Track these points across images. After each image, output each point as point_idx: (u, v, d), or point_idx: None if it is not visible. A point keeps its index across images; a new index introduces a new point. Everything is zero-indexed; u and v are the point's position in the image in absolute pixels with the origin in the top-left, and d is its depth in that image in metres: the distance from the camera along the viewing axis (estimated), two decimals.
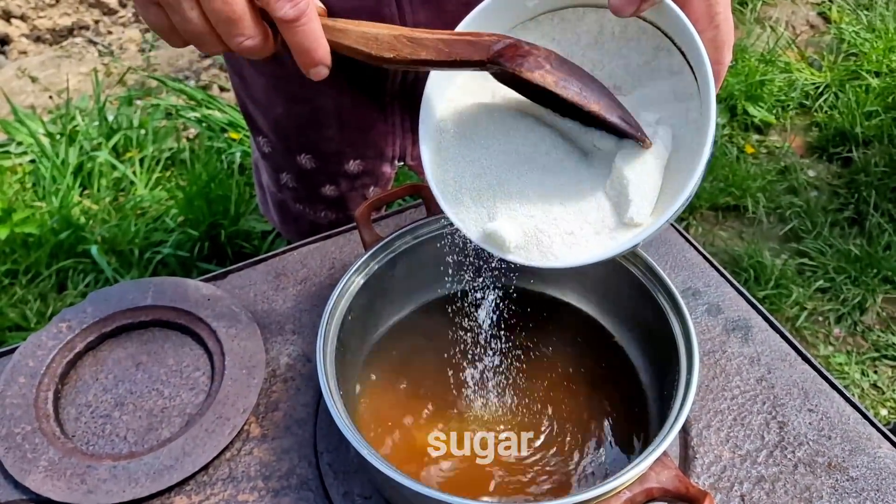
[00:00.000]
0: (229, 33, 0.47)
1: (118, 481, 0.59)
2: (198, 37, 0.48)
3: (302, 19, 0.47)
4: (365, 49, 0.50)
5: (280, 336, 0.72)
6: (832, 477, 0.61)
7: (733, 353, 0.70)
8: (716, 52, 0.52)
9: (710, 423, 0.65)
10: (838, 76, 2.32)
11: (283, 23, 0.47)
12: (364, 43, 0.50)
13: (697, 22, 0.50)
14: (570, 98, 0.49)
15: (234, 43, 0.48)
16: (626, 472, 0.49)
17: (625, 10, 0.49)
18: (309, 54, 0.49)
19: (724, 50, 0.52)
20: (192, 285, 0.74)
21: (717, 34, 0.51)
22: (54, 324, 0.70)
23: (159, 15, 0.48)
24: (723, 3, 0.51)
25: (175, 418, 0.65)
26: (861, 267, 1.76)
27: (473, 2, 0.76)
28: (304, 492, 0.60)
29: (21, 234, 1.73)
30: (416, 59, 0.50)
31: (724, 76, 0.54)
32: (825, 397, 0.67)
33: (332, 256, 0.80)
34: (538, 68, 0.49)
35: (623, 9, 0.49)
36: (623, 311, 0.68)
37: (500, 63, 0.49)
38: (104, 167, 1.96)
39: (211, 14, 0.46)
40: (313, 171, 0.97)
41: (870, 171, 1.99)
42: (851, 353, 1.63)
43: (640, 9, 0.49)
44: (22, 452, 0.61)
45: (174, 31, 0.49)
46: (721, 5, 0.51)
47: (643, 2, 0.49)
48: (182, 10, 0.46)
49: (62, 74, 2.42)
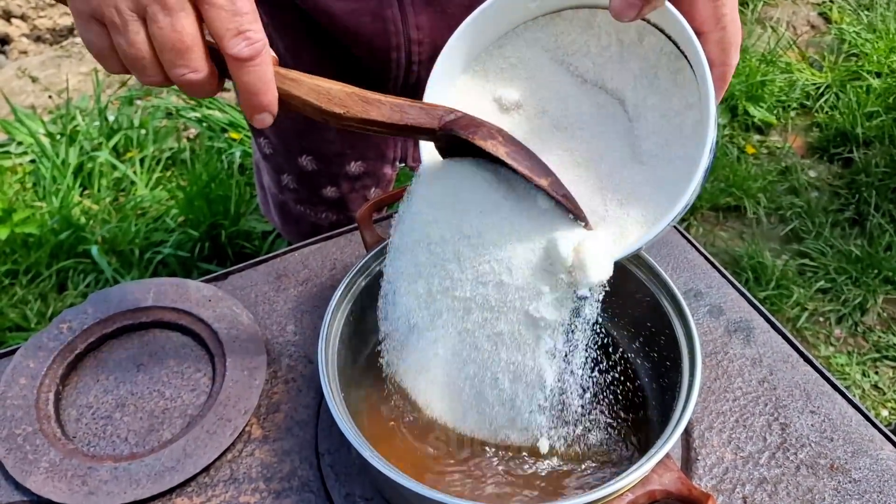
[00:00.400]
0: (174, 63, 0.44)
1: (119, 482, 0.59)
2: (139, 63, 0.45)
3: (256, 59, 0.44)
4: (315, 102, 0.49)
5: (281, 337, 0.72)
6: (834, 479, 0.61)
7: (735, 354, 0.70)
8: (722, 53, 0.51)
9: (713, 424, 0.65)
10: (839, 76, 2.31)
11: (235, 61, 0.44)
12: (315, 96, 0.49)
13: (704, 23, 0.50)
14: (521, 171, 0.50)
15: (176, 74, 0.45)
16: (629, 475, 0.48)
17: (626, 14, 0.49)
18: (257, 97, 0.46)
19: (730, 51, 0.52)
20: (193, 286, 0.73)
21: (724, 35, 0.51)
22: (55, 325, 0.70)
23: (101, 35, 0.45)
24: (729, 4, 0.51)
25: (176, 419, 0.65)
26: (862, 267, 1.76)
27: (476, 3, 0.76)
28: (306, 493, 0.60)
29: (21, 235, 1.73)
30: (365, 118, 0.50)
31: (730, 78, 0.54)
32: (827, 399, 0.67)
33: (334, 257, 0.79)
34: (491, 138, 0.50)
35: (624, 13, 0.49)
36: (624, 312, 0.68)
37: (454, 131, 0.50)
38: (104, 167, 1.96)
39: (158, 40, 0.44)
40: (314, 172, 0.97)
41: (871, 172, 1.99)
42: (852, 353, 1.63)
43: (642, 12, 0.49)
44: (23, 454, 0.61)
45: (113, 53, 0.46)
46: (728, 6, 0.50)
47: (645, 5, 0.48)
48: (128, 33, 0.44)
49: (62, 74, 2.42)
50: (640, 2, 0.48)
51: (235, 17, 0.43)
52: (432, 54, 0.79)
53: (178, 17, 0.43)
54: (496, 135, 0.51)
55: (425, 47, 0.78)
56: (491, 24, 0.55)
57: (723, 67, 0.52)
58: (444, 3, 0.75)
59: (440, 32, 0.77)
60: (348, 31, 0.76)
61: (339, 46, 0.79)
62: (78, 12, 0.45)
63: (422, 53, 0.78)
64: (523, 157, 0.51)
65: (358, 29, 0.75)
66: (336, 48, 0.80)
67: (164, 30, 0.43)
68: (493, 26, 0.56)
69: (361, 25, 0.75)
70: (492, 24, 0.55)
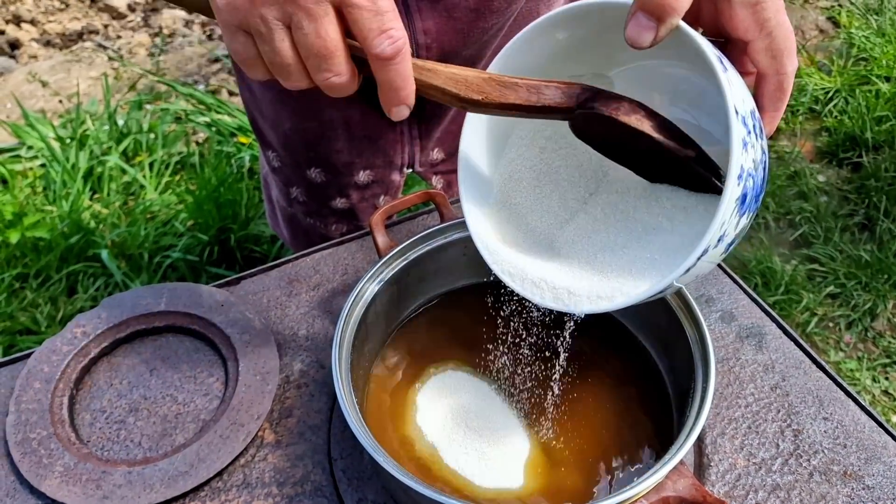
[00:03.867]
0: (319, 68, 0.46)
1: (133, 487, 0.60)
2: (284, 69, 0.46)
3: (398, 57, 0.45)
4: (454, 90, 0.49)
5: (293, 342, 0.72)
6: (848, 486, 0.61)
7: (747, 360, 0.70)
8: (773, 61, 0.48)
9: (725, 430, 0.64)
10: (848, 81, 2.31)
11: (378, 60, 0.45)
12: (453, 84, 0.49)
13: (747, 32, 0.48)
14: (668, 145, 0.49)
15: (322, 78, 0.46)
16: (643, 481, 0.48)
17: (642, 39, 0.45)
18: (398, 93, 0.47)
19: (783, 58, 0.48)
20: (205, 291, 0.74)
21: (772, 42, 0.48)
22: (69, 329, 0.70)
23: (247, 44, 0.46)
24: (771, 7, 0.47)
25: (189, 424, 0.65)
26: (871, 272, 1.76)
27: (482, 8, 0.76)
28: (319, 498, 0.60)
29: (32, 238, 1.74)
30: (504, 102, 0.49)
31: (789, 87, 0.49)
32: (840, 405, 0.66)
33: (345, 263, 0.80)
34: (634, 113, 0.49)
35: (638, 40, 0.46)
36: (638, 316, 0.68)
37: (594, 107, 0.49)
38: (114, 171, 1.97)
39: (303, 47, 0.45)
40: (323, 184, 0.97)
41: (880, 177, 1.98)
42: (862, 359, 1.63)
43: (658, 37, 0.45)
44: (38, 458, 0.61)
45: (259, 61, 0.47)
46: (769, 10, 0.47)
47: (661, 26, 0.45)
48: (273, 41, 0.45)
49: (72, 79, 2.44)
50: (655, 23, 0.45)
51: (378, 17, 0.44)
52: (440, 59, 0.79)
53: (322, 24, 0.44)
54: (638, 109, 0.49)
55: (433, 52, 0.78)
56: (524, 57, 0.54)
57: (778, 77, 0.49)
58: (450, 8, 0.76)
59: (447, 37, 0.77)
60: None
61: None
62: (226, 24, 0.46)
63: (429, 58, 0.78)
64: (668, 131, 0.49)
65: None
66: None
67: (309, 36, 0.44)
68: (525, 59, 0.55)
69: None
70: (524, 56, 0.54)
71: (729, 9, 0.48)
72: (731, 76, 0.45)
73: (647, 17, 0.44)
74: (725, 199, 0.43)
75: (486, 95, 0.49)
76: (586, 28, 0.52)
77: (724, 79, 0.43)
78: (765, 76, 0.49)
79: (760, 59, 0.48)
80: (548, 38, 0.54)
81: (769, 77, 0.49)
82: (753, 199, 0.46)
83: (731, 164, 0.42)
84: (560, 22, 0.52)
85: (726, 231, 0.45)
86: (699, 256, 0.45)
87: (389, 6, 0.45)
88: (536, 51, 0.54)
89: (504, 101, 0.49)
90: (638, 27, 0.45)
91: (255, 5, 0.44)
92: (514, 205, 0.58)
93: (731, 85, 0.44)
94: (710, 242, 0.44)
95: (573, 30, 0.53)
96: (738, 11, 0.47)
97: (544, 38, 0.54)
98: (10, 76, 2.46)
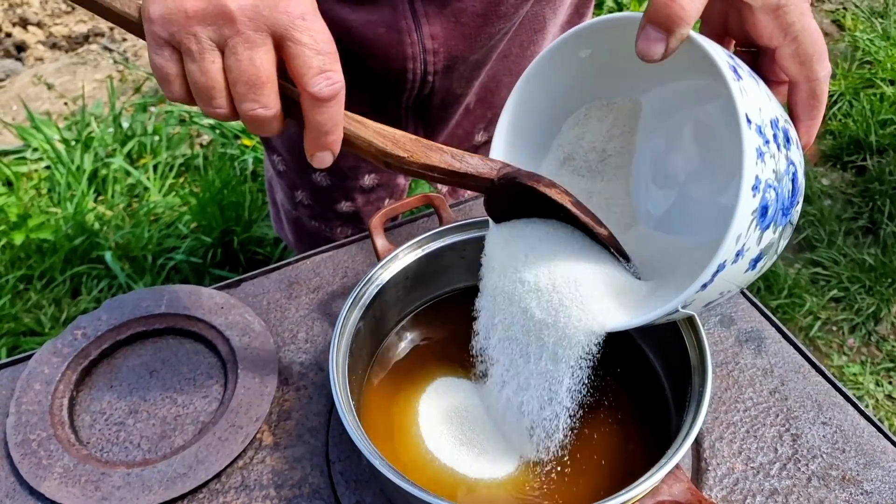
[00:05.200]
0: (246, 97, 0.44)
1: (132, 488, 0.60)
2: (207, 92, 0.44)
3: (333, 100, 0.44)
4: (380, 144, 0.50)
5: (293, 344, 0.72)
6: (846, 490, 0.61)
7: (746, 364, 0.70)
8: (802, 67, 0.47)
9: (723, 434, 0.64)
10: (853, 84, 2.30)
11: (313, 99, 0.44)
12: (381, 139, 0.50)
13: (771, 38, 0.47)
14: (584, 219, 0.52)
15: (247, 108, 0.44)
16: (639, 485, 0.48)
17: (653, 52, 0.44)
18: (326, 137, 0.46)
19: (811, 64, 0.46)
20: (205, 293, 0.74)
21: (798, 47, 0.46)
22: (69, 331, 0.71)
23: (171, 60, 0.44)
24: (795, 12, 0.46)
25: (188, 426, 0.65)
26: (875, 276, 1.75)
27: (489, 13, 0.77)
28: (316, 500, 0.60)
29: (36, 240, 1.75)
30: (427, 163, 0.51)
31: (823, 94, 0.48)
32: (839, 410, 0.66)
33: (345, 265, 0.80)
34: (553, 187, 0.52)
35: (649, 53, 0.44)
36: None
37: (518, 178, 0.51)
38: (118, 173, 1.98)
39: (233, 73, 0.43)
40: (329, 187, 0.97)
41: (884, 180, 1.98)
42: (866, 363, 1.62)
43: (669, 49, 0.44)
44: (37, 459, 0.61)
45: (180, 80, 0.45)
46: (793, 14, 0.46)
47: (670, 38, 0.44)
48: (203, 62, 0.43)
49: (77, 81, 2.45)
50: (664, 34, 0.44)
51: (319, 56, 0.43)
52: (447, 64, 0.79)
53: (258, 52, 0.43)
54: (557, 185, 0.52)
55: (440, 56, 0.78)
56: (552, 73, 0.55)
57: (809, 83, 0.47)
58: (456, 13, 0.76)
59: (454, 41, 0.78)
60: (364, 43, 0.76)
61: (354, 60, 0.80)
62: (153, 36, 0.44)
63: (437, 63, 0.79)
64: (583, 208, 0.52)
65: (374, 39, 0.76)
66: (351, 61, 0.81)
67: (243, 63, 0.43)
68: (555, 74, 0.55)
69: (377, 36, 0.76)
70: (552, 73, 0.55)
71: (752, 16, 0.47)
72: (747, 84, 0.44)
73: (655, 29, 0.44)
74: (738, 210, 0.42)
75: (411, 154, 0.50)
76: (606, 46, 0.52)
77: (736, 87, 0.42)
78: (796, 83, 0.48)
79: (789, 66, 0.47)
80: (570, 57, 0.54)
81: (800, 84, 0.47)
82: (780, 211, 0.44)
83: (744, 174, 0.41)
84: (581, 38, 0.52)
85: (746, 246, 0.43)
86: (714, 272, 0.44)
87: (331, 49, 0.44)
88: (560, 71, 0.55)
89: (427, 161, 0.51)
90: (647, 40, 0.44)
91: (191, 22, 0.42)
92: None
93: (743, 93, 0.43)
94: (727, 257, 0.43)
95: (594, 46, 0.52)
96: (760, 18, 0.47)
97: (566, 57, 0.54)
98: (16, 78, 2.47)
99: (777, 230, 0.45)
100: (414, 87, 0.81)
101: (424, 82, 0.81)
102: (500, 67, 0.88)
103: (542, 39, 0.89)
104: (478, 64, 0.84)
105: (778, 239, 0.46)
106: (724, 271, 0.44)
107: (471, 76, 0.85)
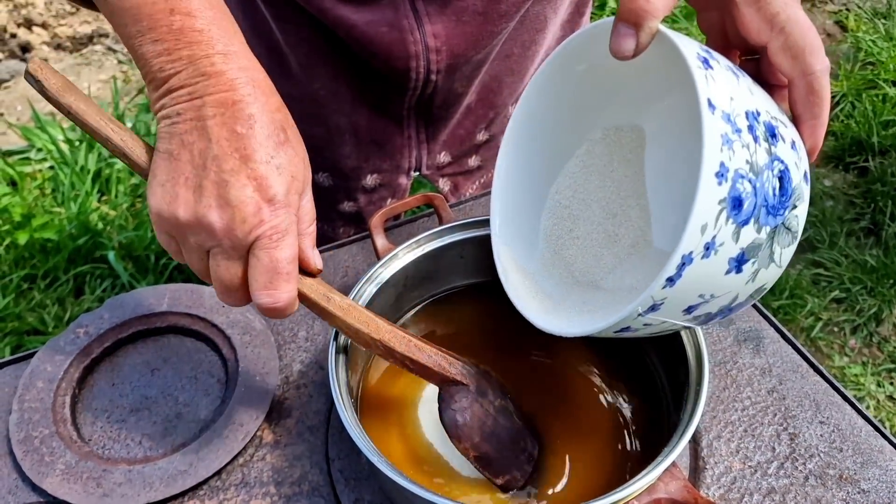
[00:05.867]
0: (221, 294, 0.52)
1: (133, 485, 0.60)
2: (201, 274, 0.53)
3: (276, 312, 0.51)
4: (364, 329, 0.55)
5: (293, 343, 0.73)
6: (843, 489, 0.61)
7: (745, 363, 0.70)
8: (795, 61, 0.44)
9: (721, 433, 0.65)
10: (855, 85, 2.30)
11: (258, 306, 0.51)
12: (365, 324, 0.55)
13: (759, 33, 0.45)
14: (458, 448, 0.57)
15: (220, 298, 0.53)
16: (635, 483, 0.49)
17: (624, 48, 0.45)
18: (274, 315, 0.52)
19: (804, 57, 0.44)
20: (207, 292, 0.74)
21: (787, 39, 0.44)
22: (72, 329, 0.71)
23: (171, 243, 0.52)
24: (778, 2, 0.44)
25: (189, 424, 0.66)
26: (877, 277, 1.75)
27: (490, 12, 0.77)
28: (316, 498, 0.61)
29: (40, 240, 1.76)
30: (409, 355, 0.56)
31: (824, 90, 0.45)
32: (837, 409, 0.67)
33: (345, 264, 0.80)
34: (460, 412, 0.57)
35: (621, 49, 0.45)
36: None
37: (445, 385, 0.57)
38: (122, 173, 1.99)
39: (213, 273, 0.51)
40: (331, 188, 0.97)
41: (886, 181, 1.98)
42: (867, 364, 1.62)
43: (640, 43, 0.44)
44: (40, 456, 0.62)
45: (180, 256, 0.53)
46: (777, 5, 0.44)
47: (639, 32, 0.44)
48: (191, 258, 0.51)
49: (82, 82, 2.46)
50: (633, 29, 0.44)
51: (268, 273, 0.49)
52: (450, 63, 0.80)
53: (231, 264, 0.50)
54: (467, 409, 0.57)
55: (443, 55, 0.79)
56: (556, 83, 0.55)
57: (805, 78, 0.44)
58: (458, 11, 0.76)
59: (457, 40, 0.78)
60: (366, 42, 0.76)
61: (356, 60, 0.80)
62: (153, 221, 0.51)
63: (440, 62, 0.79)
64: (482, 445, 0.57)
65: (376, 39, 0.76)
66: (353, 61, 0.81)
67: (220, 269, 0.50)
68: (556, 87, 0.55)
69: (380, 35, 0.76)
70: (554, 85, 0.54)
71: (739, 13, 0.46)
72: (718, 74, 0.42)
73: (625, 25, 0.45)
74: (699, 194, 0.39)
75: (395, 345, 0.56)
76: (600, 60, 0.51)
77: (700, 73, 0.40)
78: (791, 80, 0.46)
79: (781, 62, 0.45)
80: (568, 72, 0.54)
81: (795, 80, 0.45)
82: (763, 208, 0.41)
83: (704, 155, 0.39)
84: (574, 52, 0.52)
85: (717, 239, 0.40)
86: (679, 264, 0.41)
87: (288, 269, 0.50)
88: (559, 87, 0.55)
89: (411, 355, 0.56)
90: (618, 36, 0.45)
91: (181, 229, 0.49)
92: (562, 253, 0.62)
93: (709, 79, 0.41)
94: (692, 247, 0.40)
95: (589, 59, 0.53)
96: (744, 12, 0.45)
97: (565, 72, 0.54)
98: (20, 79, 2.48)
99: (764, 230, 0.42)
100: (417, 86, 0.81)
101: (428, 81, 0.81)
102: (501, 67, 0.88)
103: (543, 39, 0.89)
104: (479, 64, 0.84)
105: (768, 241, 0.43)
106: (693, 265, 0.41)
107: (472, 75, 0.85)
